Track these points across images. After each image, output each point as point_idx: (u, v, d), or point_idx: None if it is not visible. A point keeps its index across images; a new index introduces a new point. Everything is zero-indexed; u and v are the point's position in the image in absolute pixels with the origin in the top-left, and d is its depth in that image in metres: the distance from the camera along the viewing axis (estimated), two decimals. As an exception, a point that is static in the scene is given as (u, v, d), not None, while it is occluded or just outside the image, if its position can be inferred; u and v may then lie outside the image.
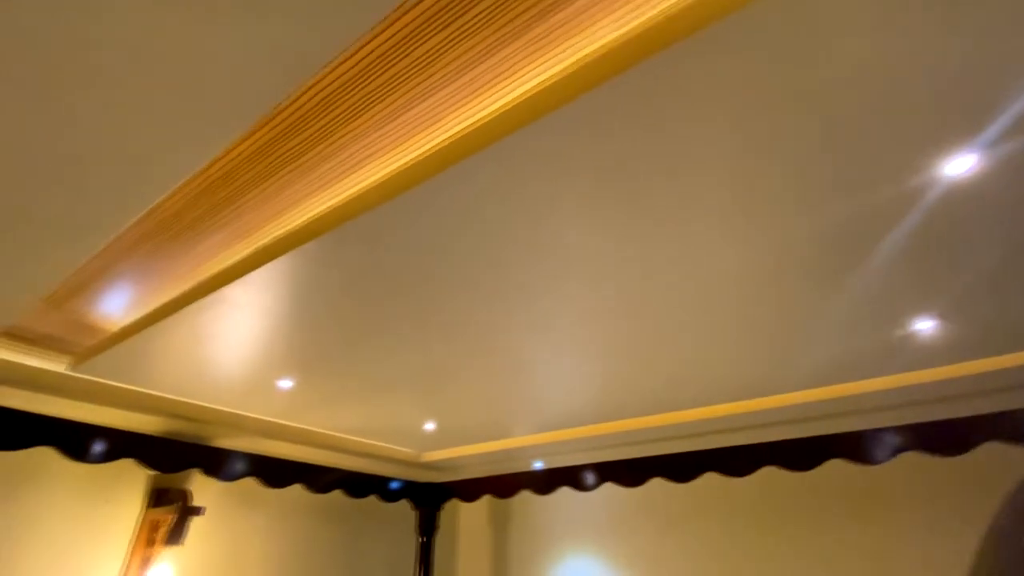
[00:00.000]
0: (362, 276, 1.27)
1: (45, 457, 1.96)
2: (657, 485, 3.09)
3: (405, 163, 1.02)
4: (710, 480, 2.96)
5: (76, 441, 1.86)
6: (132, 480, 2.24)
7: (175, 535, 2.13)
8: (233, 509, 2.56)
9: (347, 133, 1.01)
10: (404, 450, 3.02)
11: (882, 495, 2.51)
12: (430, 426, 2.49)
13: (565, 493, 3.53)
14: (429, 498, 3.21)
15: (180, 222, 1.29)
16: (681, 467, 2.66)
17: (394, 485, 3.11)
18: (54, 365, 1.81)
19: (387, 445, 2.91)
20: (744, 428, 2.46)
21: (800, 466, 2.41)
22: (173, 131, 0.90)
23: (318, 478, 2.64)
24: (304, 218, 1.13)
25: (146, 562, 2.14)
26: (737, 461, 2.58)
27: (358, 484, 2.87)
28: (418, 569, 3.09)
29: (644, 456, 2.79)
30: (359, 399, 2.11)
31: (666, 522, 3.10)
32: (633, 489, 3.23)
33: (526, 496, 3.76)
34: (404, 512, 3.36)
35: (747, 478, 2.60)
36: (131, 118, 0.89)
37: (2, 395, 1.76)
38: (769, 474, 2.58)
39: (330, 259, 1.19)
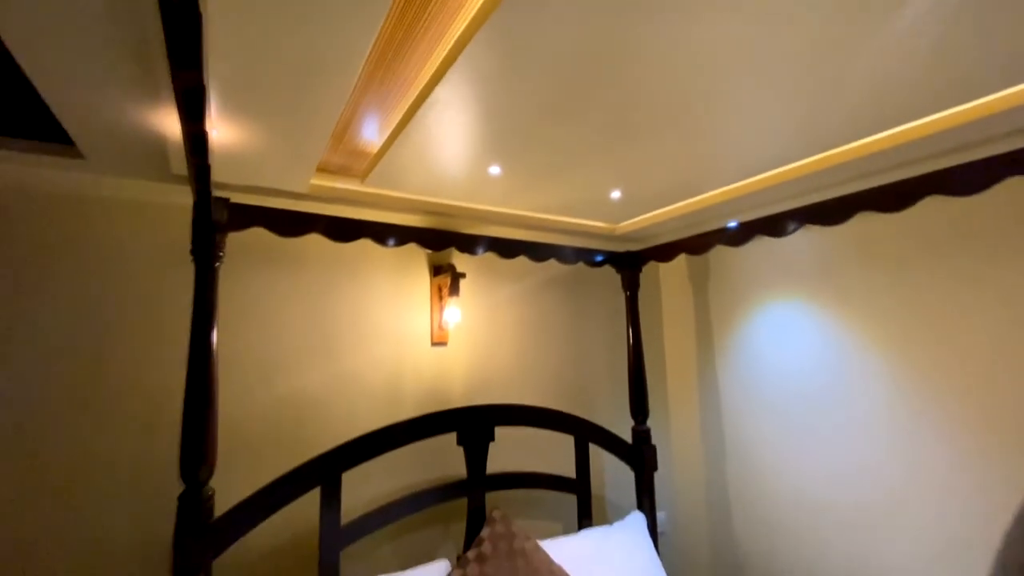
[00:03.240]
0: (528, 57, 1.55)
1: (367, 247, 3.04)
2: (865, 222, 3.00)
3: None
4: (928, 209, 2.75)
5: (379, 233, 2.81)
6: (419, 261, 3.31)
7: (453, 290, 3.14)
8: (486, 277, 3.56)
9: None
10: (599, 224, 3.53)
11: None
12: (616, 194, 2.85)
13: (764, 247, 3.67)
14: (628, 262, 3.75)
15: (401, 27, 1.70)
16: (890, 197, 2.51)
17: (598, 258, 3.71)
18: (353, 185, 2.68)
19: (584, 221, 3.43)
20: (978, 143, 2.15)
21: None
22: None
23: (535, 251, 3.36)
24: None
25: (442, 309, 3.23)
26: (967, 179, 2.30)
27: (567, 255, 3.54)
28: (628, 318, 3.77)
29: (845, 194, 2.69)
30: (553, 176, 2.55)
31: (874, 258, 3.05)
32: (836, 230, 3.19)
33: (724, 253, 4.03)
34: (613, 275, 4.05)
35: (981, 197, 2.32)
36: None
37: (334, 209, 2.74)
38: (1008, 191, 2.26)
39: (501, 39, 1.48)
